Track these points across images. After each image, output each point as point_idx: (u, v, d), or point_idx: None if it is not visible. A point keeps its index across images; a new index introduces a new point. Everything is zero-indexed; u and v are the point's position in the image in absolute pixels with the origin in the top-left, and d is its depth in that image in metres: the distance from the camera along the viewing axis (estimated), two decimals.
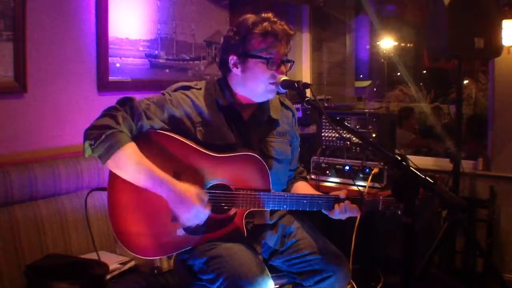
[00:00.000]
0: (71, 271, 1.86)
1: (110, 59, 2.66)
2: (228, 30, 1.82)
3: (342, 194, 1.79)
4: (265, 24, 1.74)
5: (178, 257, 1.87)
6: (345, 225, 2.42)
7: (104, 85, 2.65)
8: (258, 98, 1.84)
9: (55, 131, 2.43)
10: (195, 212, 1.63)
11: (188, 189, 1.64)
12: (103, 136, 1.57)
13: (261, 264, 1.72)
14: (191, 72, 3.18)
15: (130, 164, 1.60)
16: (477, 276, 2.92)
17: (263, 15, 1.77)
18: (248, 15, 1.79)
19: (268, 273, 1.70)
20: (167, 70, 3.02)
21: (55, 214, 2.17)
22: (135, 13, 2.80)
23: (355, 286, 2.59)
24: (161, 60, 2.97)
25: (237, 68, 1.77)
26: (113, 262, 2.13)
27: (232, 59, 1.77)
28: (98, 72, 2.62)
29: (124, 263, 2.17)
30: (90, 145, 1.59)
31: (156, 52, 2.94)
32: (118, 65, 2.72)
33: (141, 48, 2.85)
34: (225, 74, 1.85)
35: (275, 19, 1.77)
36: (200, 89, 1.84)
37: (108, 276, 2.03)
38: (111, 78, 2.68)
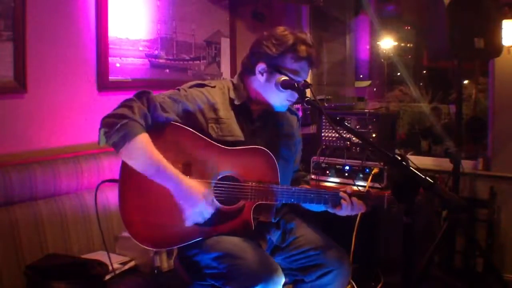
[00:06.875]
0: (71, 271, 1.86)
1: (110, 59, 2.66)
2: (265, 38, 1.83)
3: (348, 189, 1.83)
4: (304, 47, 1.80)
5: (184, 253, 1.88)
6: (345, 225, 2.42)
7: (104, 85, 2.64)
8: (272, 105, 1.90)
9: (55, 131, 2.43)
10: (199, 209, 1.68)
11: (195, 185, 1.69)
12: (118, 125, 1.61)
13: (275, 262, 1.74)
14: (191, 72, 3.17)
15: (141, 155, 1.65)
16: (477, 276, 2.92)
17: (299, 35, 1.82)
18: (287, 32, 1.82)
19: (281, 270, 1.71)
20: (167, 70, 3.02)
21: (55, 214, 2.17)
22: (135, 13, 2.80)
23: (355, 286, 2.59)
24: (161, 60, 2.97)
25: (262, 76, 1.83)
26: (113, 262, 2.12)
27: (260, 66, 1.82)
28: (98, 72, 2.62)
29: (124, 263, 2.17)
30: (105, 132, 1.62)
31: (156, 52, 2.94)
32: (118, 65, 2.72)
33: (141, 48, 2.85)
34: (247, 74, 1.90)
35: (310, 43, 1.83)
36: (214, 87, 1.90)
37: (108, 276, 2.03)
38: (111, 78, 2.67)
